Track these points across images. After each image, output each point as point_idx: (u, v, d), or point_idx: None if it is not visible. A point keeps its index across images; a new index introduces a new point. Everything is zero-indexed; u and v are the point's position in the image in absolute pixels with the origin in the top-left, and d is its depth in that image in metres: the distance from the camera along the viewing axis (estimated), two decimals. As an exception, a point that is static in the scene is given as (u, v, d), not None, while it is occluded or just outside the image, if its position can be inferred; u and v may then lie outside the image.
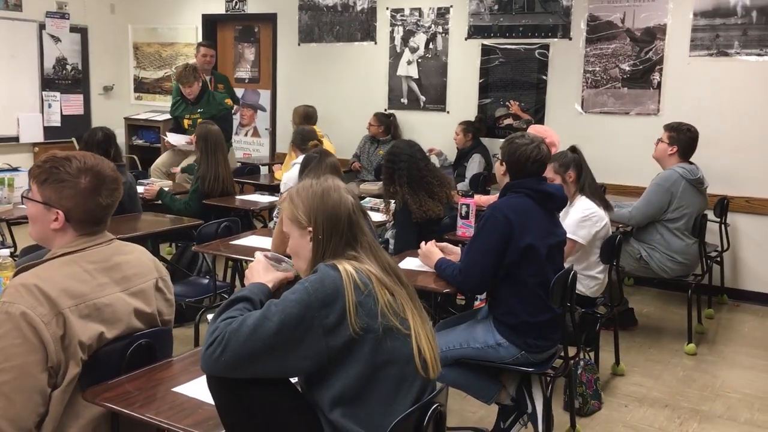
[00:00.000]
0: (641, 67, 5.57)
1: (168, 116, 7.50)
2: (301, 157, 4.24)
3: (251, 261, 2.00)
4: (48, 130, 7.52)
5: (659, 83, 5.51)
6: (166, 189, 4.96)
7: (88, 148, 4.08)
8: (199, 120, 5.61)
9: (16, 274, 1.90)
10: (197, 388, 1.89)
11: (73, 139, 7.17)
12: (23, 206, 4.41)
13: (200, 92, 6.00)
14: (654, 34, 5.50)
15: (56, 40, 7.52)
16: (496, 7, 6.12)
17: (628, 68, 5.62)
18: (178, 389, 1.91)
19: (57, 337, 1.78)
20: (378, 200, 4.84)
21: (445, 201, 3.99)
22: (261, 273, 1.88)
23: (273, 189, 5.62)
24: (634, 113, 5.62)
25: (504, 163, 2.92)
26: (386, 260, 1.83)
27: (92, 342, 1.87)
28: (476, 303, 4.01)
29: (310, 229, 1.80)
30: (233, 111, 6.61)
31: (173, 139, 6.02)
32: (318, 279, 1.68)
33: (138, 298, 2.02)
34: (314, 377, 1.70)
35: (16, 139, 7.26)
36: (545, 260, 2.78)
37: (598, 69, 5.73)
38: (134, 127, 7.97)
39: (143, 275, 2.07)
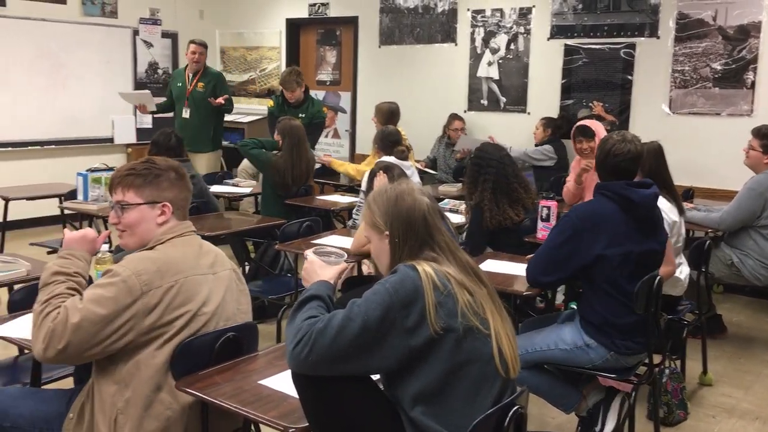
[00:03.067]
0: (734, 66, 5.35)
1: (253, 117, 7.73)
2: (384, 158, 4.30)
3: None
4: (140, 132, 7.86)
5: (753, 83, 5.28)
6: (249, 190, 5.09)
7: (161, 151, 4.23)
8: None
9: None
10: (282, 382, 1.95)
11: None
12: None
13: (303, 97, 6.09)
14: (748, 32, 5.27)
15: (148, 45, 7.86)
16: (580, 6, 6.01)
17: (719, 67, 5.41)
18: (264, 382, 1.98)
19: (148, 306, 1.91)
20: (457, 202, 4.83)
21: (530, 207, 3.94)
22: (318, 271, 1.93)
23: (352, 190, 5.70)
24: (726, 114, 5.41)
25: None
26: (465, 260, 1.84)
27: (186, 322, 1.98)
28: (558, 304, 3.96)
29: (387, 232, 1.84)
30: (228, 112, 6.65)
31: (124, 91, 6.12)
32: (398, 280, 1.71)
33: (223, 283, 2.14)
34: (396, 375, 1.73)
35: (111, 140, 7.62)
36: (622, 267, 2.68)
37: (687, 68, 5.54)
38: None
39: (222, 263, 2.19)
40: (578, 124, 4.38)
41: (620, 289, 2.70)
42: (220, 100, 6.32)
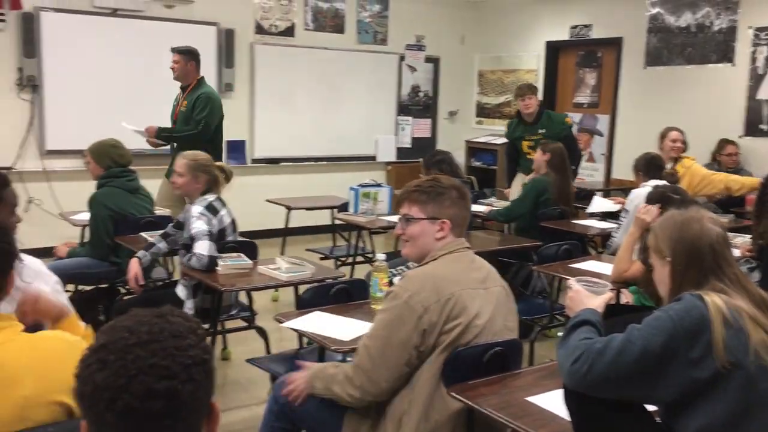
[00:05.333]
0: None
1: (505, 140, 7.83)
2: (651, 182, 4.13)
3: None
4: (400, 151, 8.36)
5: None
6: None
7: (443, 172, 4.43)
8: (542, 140, 5.58)
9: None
10: (550, 401, 1.97)
11: (421, 160, 7.84)
12: (383, 218, 5.04)
13: (538, 112, 5.94)
14: None
15: (412, 69, 8.35)
16: None
17: None
18: (532, 399, 2.01)
19: (432, 322, 2.06)
20: (730, 234, 4.45)
21: None
22: (585, 301, 1.92)
23: (607, 215, 5.52)
24: None
25: None
26: (758, 294, 1.72)
27: (460, 332, 2.09)
28: None
29: (669, 259, 1.78)
30: (192, 130, 5.02)
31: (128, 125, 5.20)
32: (683, 308, 1.66)
33: (493, 299, 2.22)
34: (676, 407, 1.67)
35: (373, 158, 8.20)
36: None
37: None
38: (473, 149, 8.47)
39: (494, 280, 2.29)
40: None
41: None
42: (153, 140, 5.13)
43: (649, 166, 4.68)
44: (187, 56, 5.16)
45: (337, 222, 5.54)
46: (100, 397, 0.96)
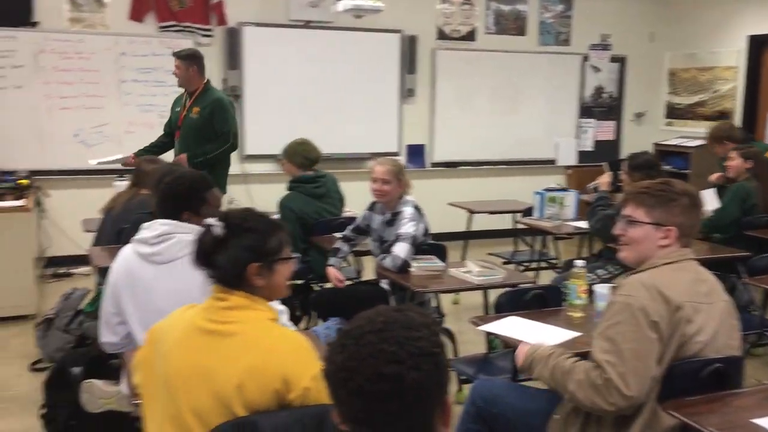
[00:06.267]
0: None
1: (699, 142, 7.31)
2: None
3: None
4: (581, 155, 8.09)
5: None
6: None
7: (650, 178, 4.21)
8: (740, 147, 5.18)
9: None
10: (783, 426, 1.80)
11: (604, 164, 7.54)
12: (569, 223, 4.89)
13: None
14: None
15: (596, 70, 8.04)
16: None
17: None
18: (758, 421, 1.85)
19: (667, 334, 1.96)
20: None
21: None
22: None
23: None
24: None
25: None
26: None
27: (680, 346, 1.98)
28: None
29: None
30: (225, 144, 4.88)
31: (95, 161, 5.03)
32: None
33: (717, 314, 2.07)
34: None
35: (553, 162, 8.00)
36: None
37: None
38: (663, 152, 7.98)
39: (718, 294, 2.14)
40: None
41: None
42: (131, 160, 4.85)
43: None
44: (188, 61, 4.88)
45: (519, 226, 5.46)
46: (338, 377, 1.09)
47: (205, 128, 4.86)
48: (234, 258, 1.75)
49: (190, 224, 2.49)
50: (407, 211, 3.52)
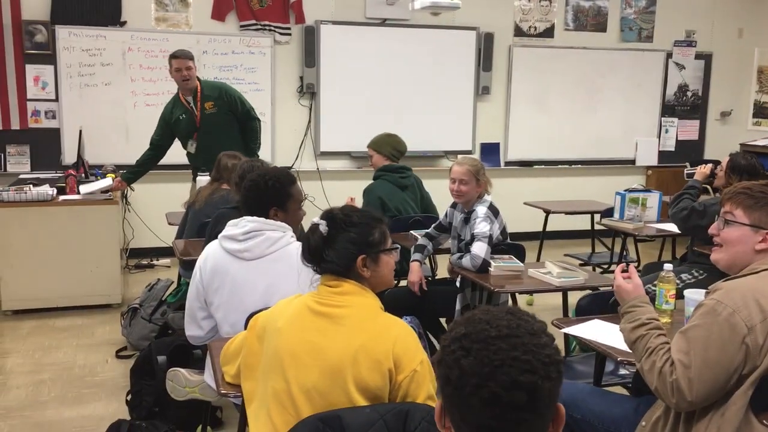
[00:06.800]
0: None
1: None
2: None
3: None
4: (662, 154, 7.84)
5: None
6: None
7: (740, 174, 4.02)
8: None
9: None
10: None
11: (687, 165, 7.28)
12: (651, 225, 4.74)
13: None
14: None
15: (680, 67, 7.77)
16: None
17: None
18: None
19: (756, 344, 1.85)
20: None
21: None
22: None
23: None
24: None
25: None
26: None
27: None
28: None
29: None
30: (256, 121, 5.08)
31: (86, 189, 4.96)
32: None
33: None
34: None
35: (632, 161, 7.77)
36: None
37: None
38: (749, 154, 7.64)
39: None
40: None
41: None
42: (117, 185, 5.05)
43: None
44: (193, 60, 4.93)
45: (598, 227, 5.32)
46: (467, 382, 1.03)
47: (227, 116, 4.96)
48: (342, 251, 1.86)
49: (277, 221, 2.53)
50: (480, 210, 3.48)
